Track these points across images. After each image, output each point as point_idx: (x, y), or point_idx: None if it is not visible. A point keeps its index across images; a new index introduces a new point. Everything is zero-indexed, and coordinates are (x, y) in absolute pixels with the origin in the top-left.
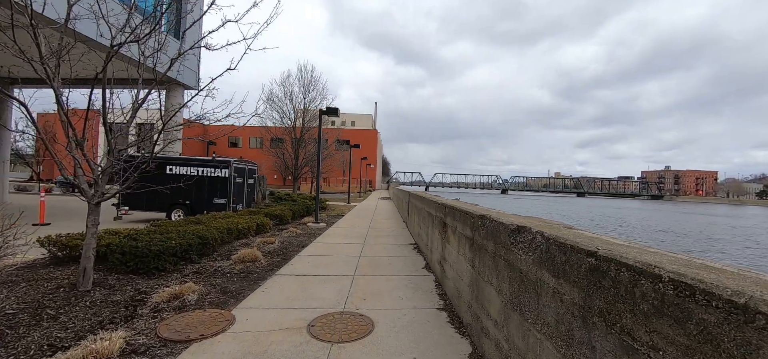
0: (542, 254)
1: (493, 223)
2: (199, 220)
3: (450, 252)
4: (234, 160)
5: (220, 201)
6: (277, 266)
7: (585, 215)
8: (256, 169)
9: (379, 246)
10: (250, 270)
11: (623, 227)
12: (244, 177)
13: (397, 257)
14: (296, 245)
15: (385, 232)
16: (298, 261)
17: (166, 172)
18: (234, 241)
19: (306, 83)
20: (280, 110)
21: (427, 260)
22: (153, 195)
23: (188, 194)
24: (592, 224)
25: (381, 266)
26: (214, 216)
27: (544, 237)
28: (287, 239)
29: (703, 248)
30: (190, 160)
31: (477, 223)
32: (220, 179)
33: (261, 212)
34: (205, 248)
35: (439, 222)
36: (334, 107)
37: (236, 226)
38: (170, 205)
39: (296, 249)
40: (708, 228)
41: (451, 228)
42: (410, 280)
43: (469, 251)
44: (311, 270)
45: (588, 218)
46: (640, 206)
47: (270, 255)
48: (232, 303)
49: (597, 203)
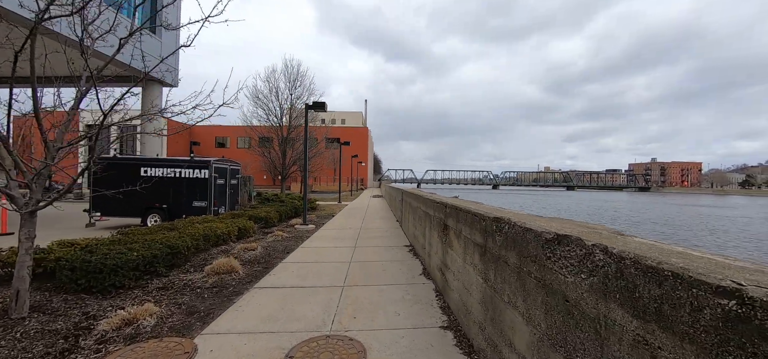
0: (609, 281)
1: (515, 229)
2: (175, 226)
3: (453, 259)
4: (214, 159)
5: (200, 204)
6: (257, 277)
7: (578, 209)
8: (239, 169)
9: (371, 249)
10: (225, 284)
11: (619, 221)
12: (226, 178)
13: (392, 262)
14: (281, 250)
15: (377, 233)
16: (281, 271)
17: (140, 174)
18: (212, 248)
19: (292, 79)
20: (265, 107)
21: (424, 265)
22: (127, 199)
23: (165, 198)
24: (590, 218)
25: (374, 274)
26: (192, 221)
27: (610, 255)
28: (272, 244)
29: (720, 243)
30: (167, 161)
31: (490, 227)
32: (200, 181)
33: (245, 215)
34: (175, 258)
35: (439, 224)
36: (321, 102)
37: (214, 232)
38: (146, 209)
39: (280, 256)
40: (704, 220)
41: (454, 232)
42: (407, 290)
43: (479, 262)
44: (295, 280)
45: (584, 212)
46: (629, 198)
47: (250, 264)
48: (196, 328)
49: (587, 196)
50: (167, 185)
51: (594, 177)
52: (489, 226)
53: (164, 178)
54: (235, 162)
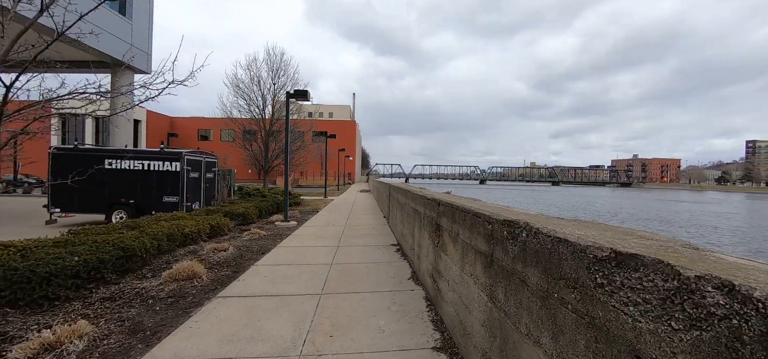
0: (741, 346)
1: (539, 238)
2: (137, 224)
3: (448, 267)
4: (186, 151)
5: (171, 199)
6: (223, 283)
7: (566, 204)
8: (216, 161)
9: (355, 249)
10: (184, 292)
11: (607, 217)
12: (200, 171)
13: (377, 265)
14: (256, 251)
15: (363, 230)
16: (251, 275)
17: (104, 166)
18: (178, 249)
19: (275, 68)
20: (247, 97)
21: (413, 267)
22: (89, 194)
23: (132, 192)
24: (583, 214)
25: (356, 279)
26: (157, 218)
27: (743, 299)
28: (246, 243)
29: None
30: (135, 152)
31: (499, 233)
32: (171, 174)
33: (220, 212)
34: (129, 262)
35: (430, 223)
36: (304, 90)
37: (182, 230)
38: (110, 205)
39: (254, 257)
40: (690, 216)
41: (448, 234)
42: (394, 299)
43: (483, 274)
44: (266, 287)
45: (578, 208)
46: (612, 193)
47: (218, 267)
48: (135, 354)
49: (572, 191)
50: (135, 179)
51: (578, 173)
52: (497, 231)
53: (131, 171)
54: (211, 154)
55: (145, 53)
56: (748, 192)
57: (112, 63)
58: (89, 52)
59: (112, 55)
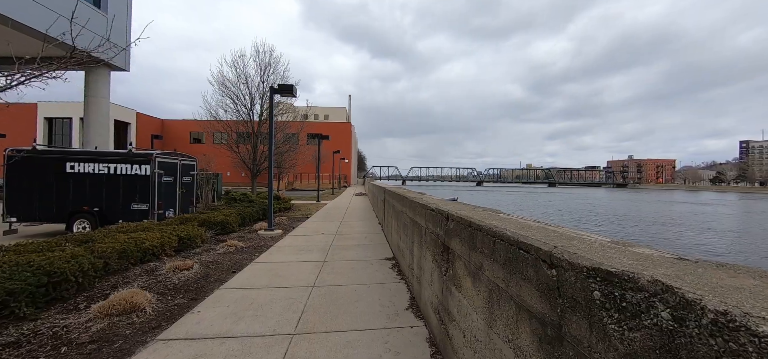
0: None
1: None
2: (90, 237)
3: (463, 310)
4: (158, 152)
5: (140, 207)
6: (172, 317)
7: (569, 208)
8: (194, 164)
9: (344, 265)
10: (115, 333)
11: (616, 223)
12: (175, 175)
13: (369, 287)
14: (226, 268)
15: (355, 240)
16: (211, 305)
17: (65, 170)
18: (133, 268)
19: (263, 65)
20: (234, 96)
21: (412, 292)
22: (48, 201)
23: (96, 200)
24: (586, 222)
25: (341, 308)
26: (118, 229)
27: None
28: (218, 258)
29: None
30: (99, 154)
31: (580, 291)
32: (140, 179)
33: (195, 220)
34: (58, 289)
35: (435, 242)
36: (289, 85)
37: (141, 245)
38: (71, 214)
39: (222, 277)
40: (698, 217)
41: (463, 263)
42: (388, 342)
43: (534, 349)
44: (225, 324)
45: (585, 211)
46: (609, 195)
47: (171, 293)
48: None
49: (570, 193)
50: (99, 185)
51: (574, 174)
52: (571, 284)
53: (95, 175)
54: (188, 157)
55: (118, 48)
56: (743, 192)
57: (86, 60)
58: (62, 49)
59: (83, 50)
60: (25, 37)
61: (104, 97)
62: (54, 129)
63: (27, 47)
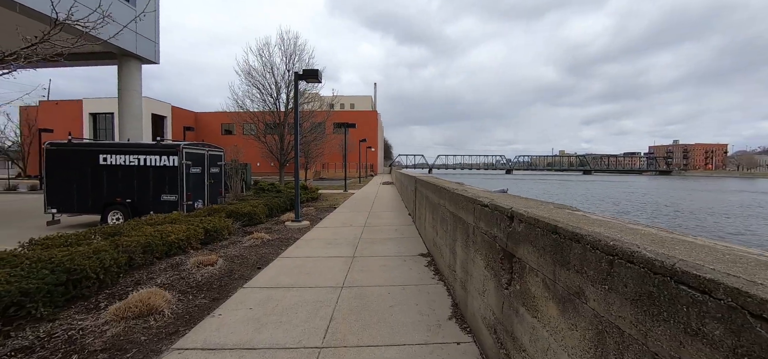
0: None
1: None
2: (118, 229)
3: (538, 337)
4: (185, 143)
5: (170, 198)
6: (190, 321)
7: (610, 196)
8: (222, 154)
9: (375, 262)
10: (129, 340)
11: (669, 215)
12: (203, 165)
13: (403, 289)
14: (251, 264)
15: (385, 233)
16: (232, 308)
17: (98, 162)
18: (158, 262)
19: (288, 53)
20: (260, 85)
21: (454, 296)
22: (83, 194)
23: (128, 191)
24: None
25: (374, 315)
26: (146, 222)
27: None
28: (243, 252)
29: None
30: (130, 146)
31: None
32: (169, 170)
33: (223, 211)
34: (78, 287)
35: (489, 246)
36: (314, 69)
37: (166, 239)
38: (105, 205)
39: (246, 274)
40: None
41: (543, 282)
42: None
43: None
44: (245, 333)
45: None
46: (653, 183)
47: (193, 292)
48: None
49: (609, 181)
50: (131, 176)
51: (612, 161)
52: None
53: (126, 167)
54: (215, 147)
55: (152, 41)
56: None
57: (118, 53)
58: (96, 44)
59: (118, 45)
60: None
61: (136, 90)
62: (98, 124)
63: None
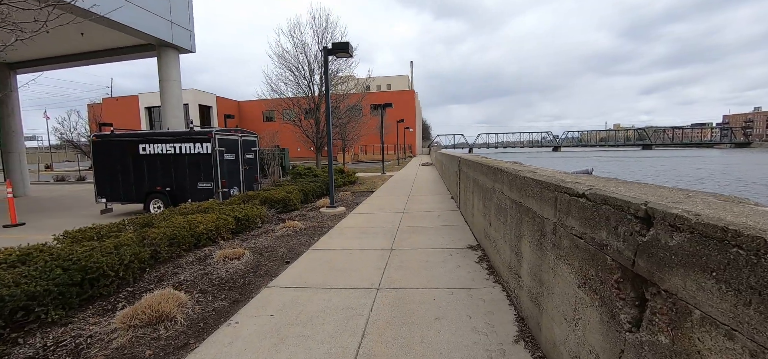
0: None
1: None
2: (151, 220)
3: None
4: (217, 129)
5: (205, 186)
6: (205, 329)
7: (689, 175)
8: (255, 140)
9: (416, 257)
10: (132, 354)
11: None
12: (237, 151)
13: (451, 295)
14: (280, 257)
15: (426, 220)
16: (253, 314)
17: (139, 152)
18: (186, 255)
19: (320, 32)
20: (293, 67)
21: (518, 309)
22: (127, 183)
23: (166, 179)
24: None
25: (417, 334)
26: (172, 212)
27: None
28: (272, 244)
29: None
30: (164, 135)
31: None
32: (203, 157)
33: (257, 198)
34: (96, 286)
35: (591, 258)
36: (344, 42)
37: (194, 229)
38: (147, 194)
39: (273, 269)
40: None
41: (723, 332)
42: None
43: None
44: (261, 351)
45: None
46: (733, 157)
47: (214, 291)
48: None
49: (675, 156)
50: (168, 165)
51: (677, 133)
52: None
53: (164, 156)
54: (249, 132)
55: (188, 30)
56: None
57: (156, 44)
58: (135, 36)
59: (153, 35)
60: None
61: (175, 79)
62: (153, 117)
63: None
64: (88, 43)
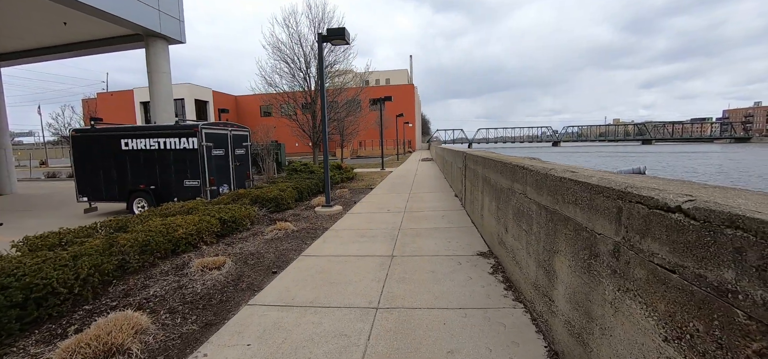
0: None
1: None
2: (126, 223)
3: None
4: (204, 124)
5: (192, 183)
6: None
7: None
8: (247, 134)
9: (421, 266)
10: None
11: None
12: (226, 147)
13: (465, 317)
14: (266, 265)
15: (430, 221)
16: (226, 341)
17: (121, 147)
18: (162, 262)
19: (316, 21)
20: (290, 59)
21: (546, 335)
22: (109, 180)
23: (151, 177)
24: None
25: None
26: (152, 213)
27: None
28: (259, 249)
29: None
30: (148, 129)
31: None
32: (189, 152)
33: (246, 198)
34: (42, 308)
35: (708, 309)
36: (340, 28)
37: (172, 234)
38: (130, 193)
39: (256, 282)
40: None
41: None
42: None
43: None
44: None
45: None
46: (735, 152)
47: (181, 313)
48: None
49: (676, 152)
50: (152, 161)
51: (676, 128)
52: None
53: (148, 151)
54: (240, 127)
55: (177, 20)
56: None
57: (143, 34)
58: (121, 25)
59: (139, 24)
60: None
61: (165, 72)
62: (148, 111)
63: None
64: (72, 33)
